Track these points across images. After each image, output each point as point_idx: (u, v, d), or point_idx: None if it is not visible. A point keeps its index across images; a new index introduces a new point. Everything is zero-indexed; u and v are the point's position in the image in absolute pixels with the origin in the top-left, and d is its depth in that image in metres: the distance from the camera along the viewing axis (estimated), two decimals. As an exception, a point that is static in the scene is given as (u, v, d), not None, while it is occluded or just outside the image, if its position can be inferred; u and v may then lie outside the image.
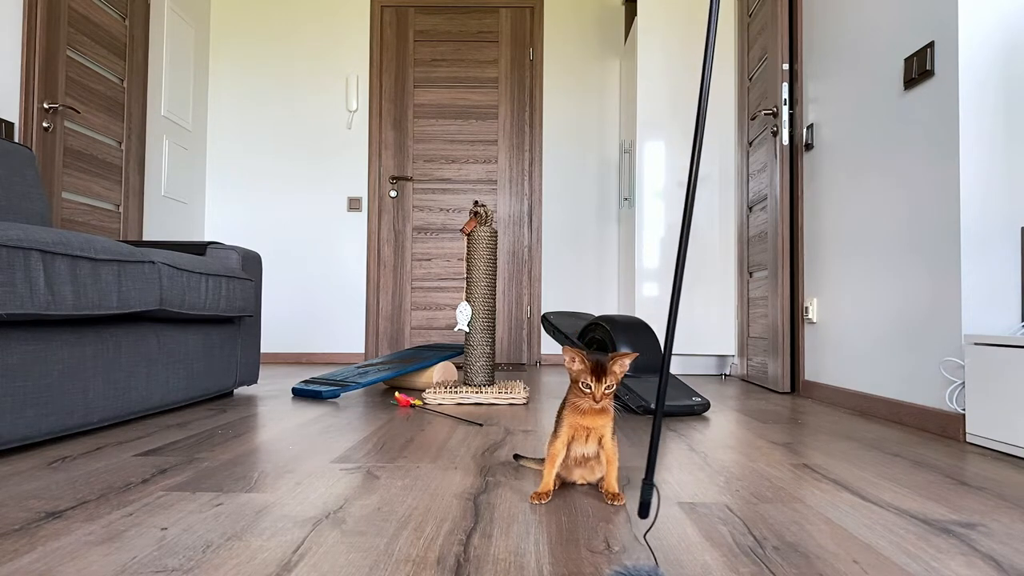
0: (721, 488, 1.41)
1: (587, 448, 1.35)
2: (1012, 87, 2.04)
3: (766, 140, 3.48)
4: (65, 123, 3.30)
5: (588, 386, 1.29)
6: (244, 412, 2.40)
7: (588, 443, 1.34)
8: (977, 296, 2.03)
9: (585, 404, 1.31)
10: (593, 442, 1.34)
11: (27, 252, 1.59)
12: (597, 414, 1.32)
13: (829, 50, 2.94)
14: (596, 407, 1.31)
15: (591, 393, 1.29)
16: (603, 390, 1.29)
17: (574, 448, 1.35)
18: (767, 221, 3.45)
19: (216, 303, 2.48)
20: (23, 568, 0.93)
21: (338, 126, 4.88)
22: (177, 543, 1.03)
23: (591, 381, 1.29)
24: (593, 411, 1.32)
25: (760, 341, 3.57)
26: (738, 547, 1.05)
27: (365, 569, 0.94)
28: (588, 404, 1.31)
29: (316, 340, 4.83)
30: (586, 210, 4.88)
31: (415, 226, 4.87)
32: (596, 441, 1.34)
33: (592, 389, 1.28)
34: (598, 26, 4.92)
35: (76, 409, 1.83)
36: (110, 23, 3.66)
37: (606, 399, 1.30)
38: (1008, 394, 1.80)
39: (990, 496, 1.38)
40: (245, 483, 1.40)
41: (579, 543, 1.06)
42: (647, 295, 4.15)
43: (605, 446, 1.34)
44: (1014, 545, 1.08)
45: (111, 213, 3.67)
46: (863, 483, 1.47)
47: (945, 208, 2.11)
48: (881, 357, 2.49)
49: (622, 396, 2.47)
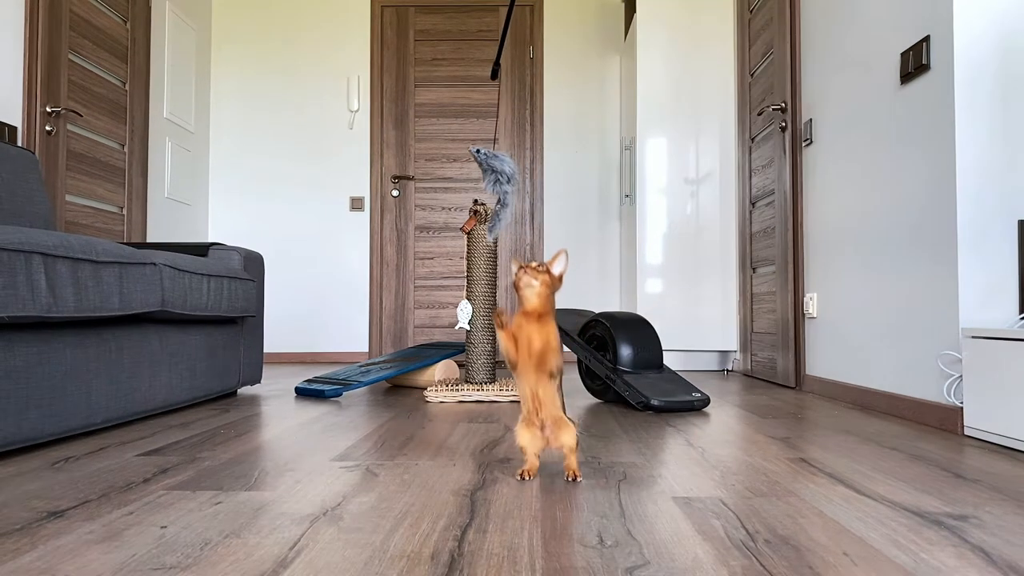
0: (717, 482, 1.42)
1: (539, 388, 1.42)
2: (1008, 80, 2.04)
3: (772, 135, 3.48)
4: (68, 126, 3.32)
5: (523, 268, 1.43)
6: (246, 412, 2.42)
7: (538, 375, 1.41)
8: (974, 289, 2.03)
9: (523, 284, 1.41)
10: (543, 377, 1.41)
11: (29, 255, 1.61)
12: (538, 322, 1.41)
13: (827, 45, 2.94)
14: (534, 287, 1.40)
15: (523, 270, 1.41)
16: (534, 266, 1.41)
17: (525, 382, 1.42)
18: (774, 216, 3.45)
19: (218, 304, 2.50)
20: (24, 566, 0.95)
21: (340, 126, 4.90)
22: (176, 541, 1.05)
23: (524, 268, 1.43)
24: (535, 318, 1.41)
25: (766, 336, 3.57)
26: (730, 540, 1.06)
27: (360, 565, 0.96)
28: (525, 283, 1.40)
29: (320, 340, 4.85)
30: (587, 207, 4.89)
31: (417, 225, 4.89)
32: (545, 375, 1.41)
33: (524, 270, 1.42)
34: (598, 23, 4.92)
35: (79, 410, 1.85)
36: (111, 26, 3.68)
37: (538, 274, 1.41)
38: (1005, 387, 1.81)
39: (984, 488, 1.39)
40: (245, 481, 1.42)
41: (572, 537, 1.07)
42: (649, 292, 4.15)
43: (546, 399, 1.42)
44: (1004, 536, 1.09)
45: (114, 215, 3.70)
46: (858, 476, 1.48)
47: (942, 202, 2.12)
48: (880, 351, 2.49)
49: (622, 393, 2.48)
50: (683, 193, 4.17)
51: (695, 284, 4.14)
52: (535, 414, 1.45)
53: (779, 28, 3.38)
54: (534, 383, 1.43)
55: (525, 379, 1.43)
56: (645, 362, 2.60)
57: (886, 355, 2.46)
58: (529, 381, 1.43)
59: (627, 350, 2.59)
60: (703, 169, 4.16)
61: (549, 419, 1.45)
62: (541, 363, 1.41)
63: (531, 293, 1.41)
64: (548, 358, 1.41)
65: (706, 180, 4.16)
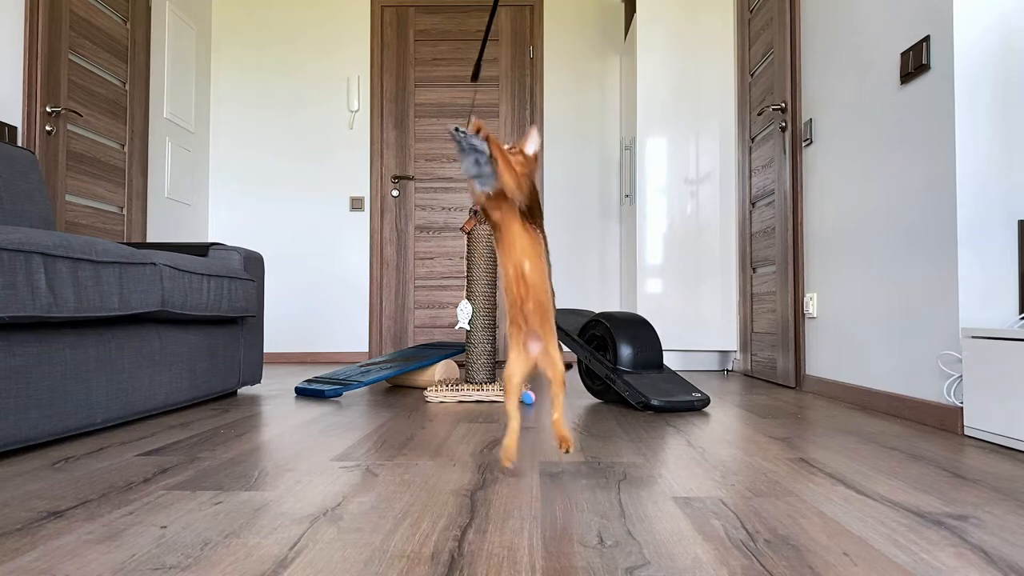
0: (717, 482, 1.42)
1: (524, 261, 1.31)
2: (1008, 80, 2.04)
3: (773, 135, 3.48)
4: (68, 126, 3.32)
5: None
6: (247, 412, 2.42)
7: (526, 241, 1.31)
8: (974, 289, 2.03)
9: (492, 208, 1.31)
10: (533, 243, 1.31)
11: (28, 255, 1.61)
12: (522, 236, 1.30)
13: (827, 45, 2.94)
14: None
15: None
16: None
17: (508, 257, 1.32)
18: (774, 216, 3.45)
19: (218, 304, 2.50)
20: (24, 566, 0.95)
21: (340, 126, 4.90)
22: (176, 541, 1.05)
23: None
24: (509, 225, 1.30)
25: (766, 336, 3.57)
26: (730, 540, 1.06)
27: (360, 565, 0.96)
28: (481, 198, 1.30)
29: (320, 340, 4.85)
30: (588, 207, 4.89)
31: (417, 225, 4.89)
32: (537, 244, 1.31)
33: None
34: (598, 23, 4.92)
35: (79, 410, 1.85)
36: (111, 26, 3.68)
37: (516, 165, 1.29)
38: (1005, 387, 1.81)
39: (984, 488, 1.39)
40: (245, 481, 1.42)
41: (572, 537, 1.07)
42: (649, 292, 4.15)
43: (535, 280, 1.31)
44: (1005, 536, 1.09)
45: (115, 215, 3.70)
46: (858, 476, 1.48)
47: (942, 201, 2.12)
48: (880, 351, 2.49)
49: (622, 393, 2.48)
50: (683, 193, 4.17)
51: (695, 284, 4.14)
52: (520, 307, 1.33)
53: (779, 28, 3.38)
54: (519, 256, 1.31)
55: (509, 250, 1.31)
56: (645, 362, 2.60)
57: (886, 355, 2.46)
58: (513, 252, 1.31)
59: (627, 350, 2.59)
60: (703, 169, 4.16)
61: (537, 312, 1.32)
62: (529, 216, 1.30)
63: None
64: (534, 200, 1.30)
65: (706, 180, 4.16)
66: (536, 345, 1.36)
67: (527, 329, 1.34)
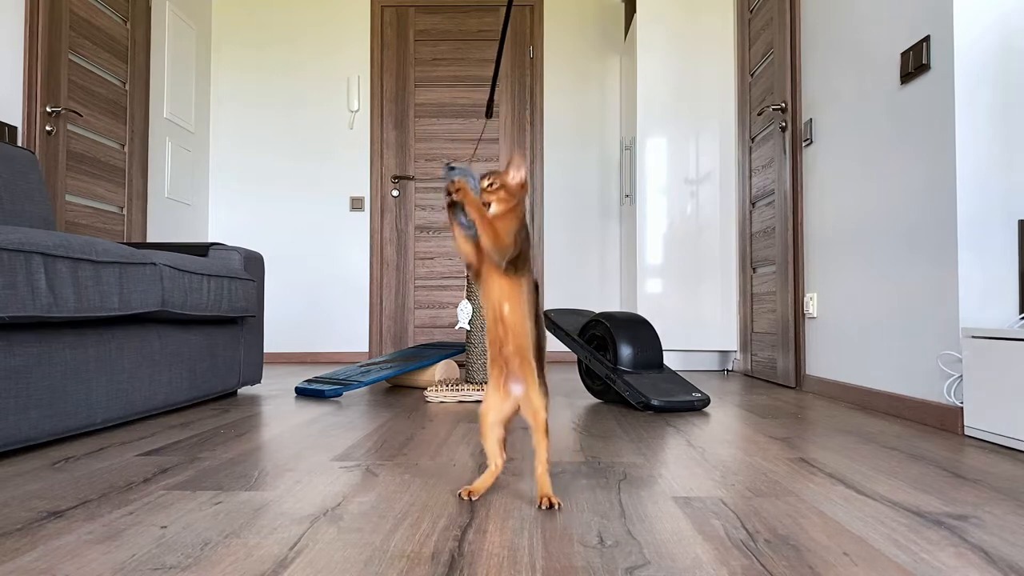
0: (717, 482, 1.42)
1: (504, 303, 1.22)
2: (1008, 80, 2.04)
3: (773, 135, 3.48)
4: (68, 126, 3.32)
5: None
6: (247, 412, 2.42)
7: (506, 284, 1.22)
8: (974, 289, 2.03)
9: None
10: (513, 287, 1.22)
11: (28, 255, 1.61)
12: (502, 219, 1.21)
13: (827, 45, 2.94)
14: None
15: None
16: (485, 186, 1.21)
17: (488, 298, 1.23)
18: (774, 216, 3.45)
19: (218, 304, 2.50)
20: (24, 566, 0.95)
21: (340, 126, 4.90)
22: (176, 541, 1.05)
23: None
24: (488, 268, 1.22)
25: (767, 336, 3.57)
26: (730, 540, 1.06)
27: (360, 565, 0.96)
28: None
29: (320, 340, 4.85)
30: (588, 207, 4.89)
31: (417, 225, 4.89)
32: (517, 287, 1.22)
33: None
34: (598, 23, 4.92)
35: (79, 410, 1.85)
36: (111, 26, 3.68)
37: (492, 195, 1.22)
38: (1005, 387, 1.81)
39: (984, 488, 1.39)
40: (245, 481, 1.42)
41: (572, 537, 1.07)
42: (650, 292, 4.15)
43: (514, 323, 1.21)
44: (1005, 536, 1.09)
45: (115, 215, 3.70)
46: (858, 476, 1.48)
47: (942, 201, 2.12)
48: (880, 351, 2.49)
49: (622, 392, 2.48)
50: (683, 193, 4.17)
51: (695, 284, 4.14)
52: (499, 348, 1.25)
53: (779, 28, 3.38)
54: (497, 298, 1.23)
55: (488, 292, 1.24)
56: (645, 362, 2.60)
57: (886, 355, 2.46)
58: (492, 295, 1.23)
59: (627, 350, 2.59)
60: (703, 169, 4.16)
61: (516, 355, 1.23)
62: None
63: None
64: (519, 247, 1.21)
65: (706, 180, 4.16)
66: (518, 387, 1.26)
67: (507, 371, 1.26)
